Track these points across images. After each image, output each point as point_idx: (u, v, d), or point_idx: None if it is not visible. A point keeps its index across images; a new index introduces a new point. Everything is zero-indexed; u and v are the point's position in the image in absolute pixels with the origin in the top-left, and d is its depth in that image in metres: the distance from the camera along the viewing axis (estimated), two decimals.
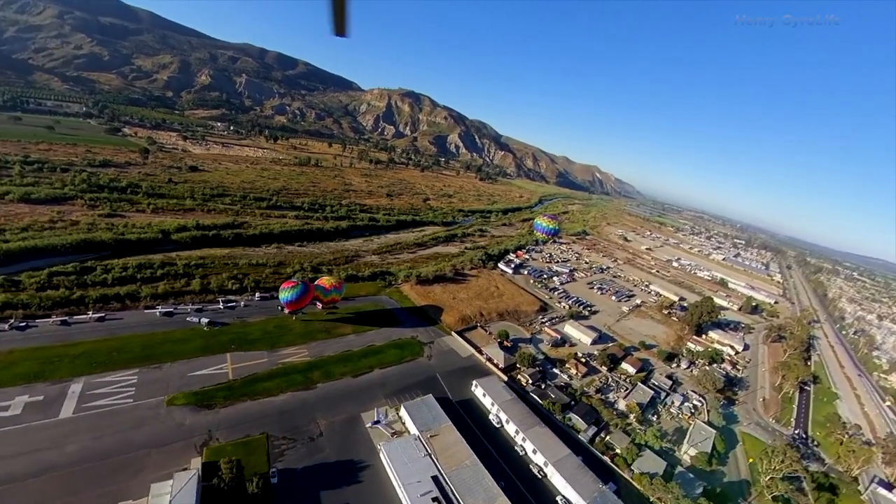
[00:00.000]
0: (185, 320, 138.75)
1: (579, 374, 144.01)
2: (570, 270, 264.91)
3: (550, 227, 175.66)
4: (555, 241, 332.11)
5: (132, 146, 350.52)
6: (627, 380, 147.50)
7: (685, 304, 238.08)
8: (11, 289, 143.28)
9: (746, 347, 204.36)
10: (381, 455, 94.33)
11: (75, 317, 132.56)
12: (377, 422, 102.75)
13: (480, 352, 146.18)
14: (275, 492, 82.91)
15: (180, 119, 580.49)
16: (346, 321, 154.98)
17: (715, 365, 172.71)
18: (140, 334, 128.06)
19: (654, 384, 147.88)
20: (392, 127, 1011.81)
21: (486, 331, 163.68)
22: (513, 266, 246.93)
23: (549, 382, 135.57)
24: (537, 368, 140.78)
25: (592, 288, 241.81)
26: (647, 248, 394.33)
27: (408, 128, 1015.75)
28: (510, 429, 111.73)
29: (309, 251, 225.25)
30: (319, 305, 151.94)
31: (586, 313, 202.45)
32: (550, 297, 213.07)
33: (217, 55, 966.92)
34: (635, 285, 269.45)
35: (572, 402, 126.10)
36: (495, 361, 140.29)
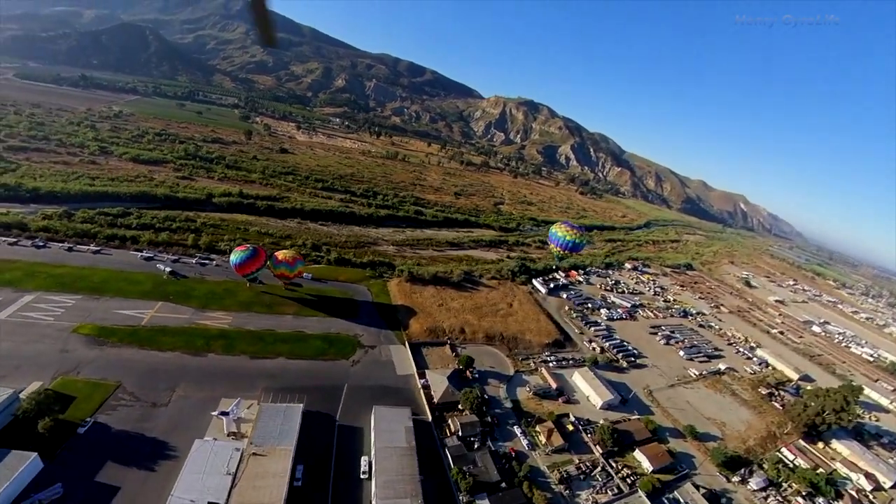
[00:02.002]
0: (155, 266, 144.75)
1: (549, 444, 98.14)
2: (633, 306, 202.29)
3: (568, 238, 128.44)
4: (613, 269, 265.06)
5: (245, 129, 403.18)
6: (629, 478, 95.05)
7: (803, 387, 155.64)
8: (63, 219, 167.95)
9: None
10: (191, 451, 76.67)
11: (79, 246, 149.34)
12: (224, 413, 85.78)
13: (423, 374, 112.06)
14: (70, 441, 77.33)
15: (306, 113, 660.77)
16: (300, 301, 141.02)
17: (821, 501, 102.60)
18: (109, 269, 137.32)
19: (675, 500, 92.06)
20: (502, 134, 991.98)
21: (455, 352, 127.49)
22: (551, 286, 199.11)
23: (489, 444, 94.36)
24: (483, 419, 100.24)
25: (656, 335, 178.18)
26: (776, 300, 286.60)
27: (518, 136, 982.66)
28: (372, 487, 77.21)
29: (326, 230, 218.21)
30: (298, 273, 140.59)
31: (623, 364, 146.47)
32: (581, 333, 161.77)
33: (356, 63, 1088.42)
34: (730, 343, 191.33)
35: (501, 485, 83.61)
36: (431, 392, 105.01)
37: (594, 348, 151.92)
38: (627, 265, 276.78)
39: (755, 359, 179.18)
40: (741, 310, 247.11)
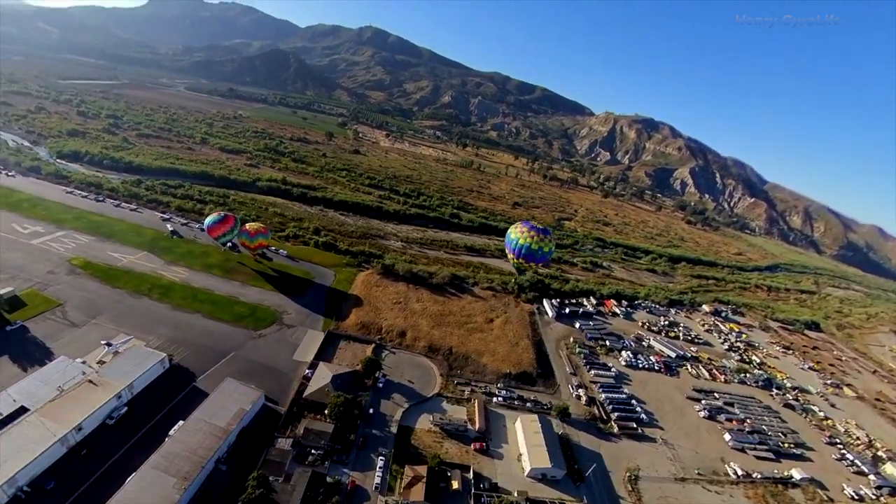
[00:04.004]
0: (165, 225, 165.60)
1: (404, 497, 70.78)
2: (678, 356, 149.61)
3: (522, 243, 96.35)
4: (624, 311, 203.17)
5: (328, 131, 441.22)
6: None
7: None
8: (136, 185, 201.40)
9: None
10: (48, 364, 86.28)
11: (124, 204, 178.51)
12: (109, 344, 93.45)
13: (316, 365, 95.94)
14: None
15: (403, 124, 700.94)
16: (261, 273, 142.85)
17: None
18: (129, 222, 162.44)
19: None
20: (608, 153, 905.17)
21: (377, 355, 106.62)
22: (566, 311, 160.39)
23: (327, 465, 72.73)
24: (345, 434, 78.41)
25: (698, 402, 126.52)
26: None
27: (627, 156, 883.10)
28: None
29: (342, 219, 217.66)
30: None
31: (614, 429, 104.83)
32: (573, 374, 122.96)
33: (466, 81, 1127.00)
34: (834, 443, 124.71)
35: None
36: (306, 385, 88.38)
37: (579, 397, 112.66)
38: (706, 307, 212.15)
39: (874, 477, 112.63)
40: (880, 399, 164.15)
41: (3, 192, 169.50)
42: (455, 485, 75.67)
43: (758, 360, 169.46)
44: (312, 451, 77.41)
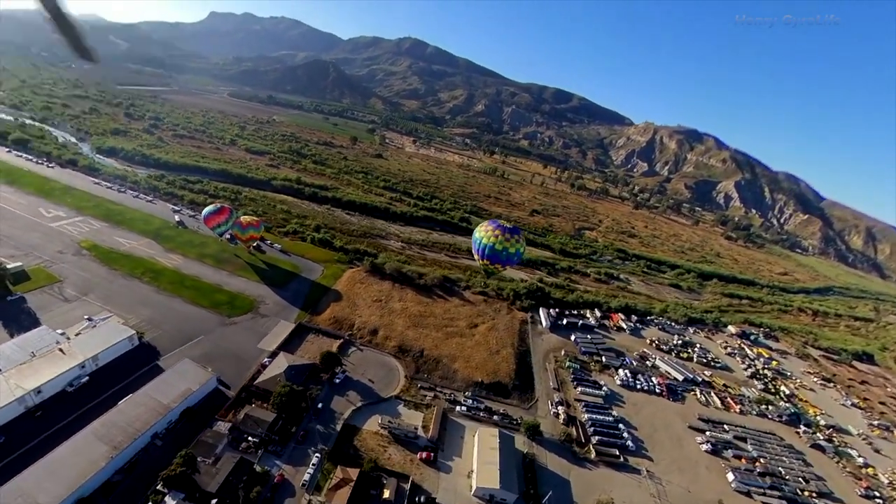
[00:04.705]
0: (174, 216, 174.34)
1: (328, 499, 65.92)
2: (686, 380, 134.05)
3: (486, 243, 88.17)
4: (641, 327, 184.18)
5: (353, 136, 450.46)
6: None
7: None
8: (158, 180, 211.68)
9: None
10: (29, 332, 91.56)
11: (142, 196, 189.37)
12: (90, 319, 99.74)
13: (274, 355, 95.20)
14: None
15: (433, 131, 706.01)
16: (251, 265, 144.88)
17: None
18: (142, 212, 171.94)
19: None
20: (646, 164, 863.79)
21: (343, 351, 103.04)
22: (564, 322, 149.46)
23: (258, 455, 69.82)
24: (286, 426, 76.28)
25: (701, 433, 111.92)
26: None
27: (666, 167, 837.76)
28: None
29: (347, 218, 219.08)
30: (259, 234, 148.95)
31: (591, 454, 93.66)
32: (556, 389, 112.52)
33: (501, 91, 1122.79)
34: (874, 497, 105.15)
35: (212, 501, 57.65)
36: (261, 373, 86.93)
37: (557, 415, 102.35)
38: (731, 328, 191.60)
39: None
40: None
41: (39, 181, 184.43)
42: (387, 494, 69.28)
43: (787, 392, 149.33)
44: (249, 437, 75.63)
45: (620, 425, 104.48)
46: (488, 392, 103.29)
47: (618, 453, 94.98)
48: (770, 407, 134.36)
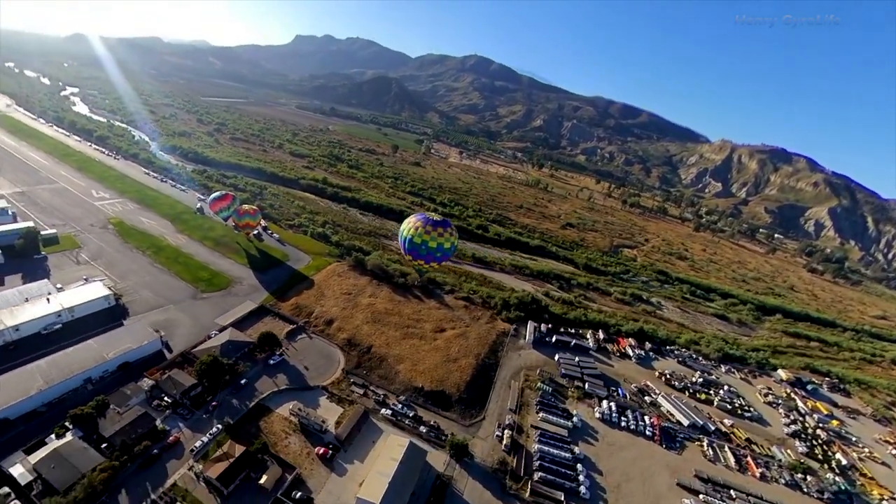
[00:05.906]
0: (196, 203, 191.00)
1: (206, 469, 62.31)
2: (692, 426, 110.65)
3: (406, 235, 79.84)
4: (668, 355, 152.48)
5: (393, 144, 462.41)
6: None
7: None
8: (199, 173, 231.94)
9: None
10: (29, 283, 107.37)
11: (179, 185, 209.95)
12: (86, 279, 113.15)
13: (224, 329, 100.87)
14: (23, 260, 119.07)
15: (485, 144, 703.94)
16: (245, 250, 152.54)
17: None
18: (171, 198, 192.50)
19: None
20: (720, 184, 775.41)
21: (292, 336, 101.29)
22: (553, 339, 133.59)
23: (164, 415, 70.36)
24: (203, 396, 79.62)
25: (694, 495, 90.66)
26: None
27: (744, 189, 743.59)
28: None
29: (359, 217, 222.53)
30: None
31: (525, 494, 79.51)
32: (513, 412, 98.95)
33: (563, 105, 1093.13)
34: None
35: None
36: (204, 343, 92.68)
37: (500, 438, 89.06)
38: (782, 373, 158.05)
39: None
40: None
41: (102, 169, 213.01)
42: (265, 479, 64.31)
43: (844, 462, 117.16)
44: (165, 397, 78.58)
45: (579, 465, 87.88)
46: (426, 400, 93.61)
47: (562, 498, 79.19)
48: (809, 478, 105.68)
